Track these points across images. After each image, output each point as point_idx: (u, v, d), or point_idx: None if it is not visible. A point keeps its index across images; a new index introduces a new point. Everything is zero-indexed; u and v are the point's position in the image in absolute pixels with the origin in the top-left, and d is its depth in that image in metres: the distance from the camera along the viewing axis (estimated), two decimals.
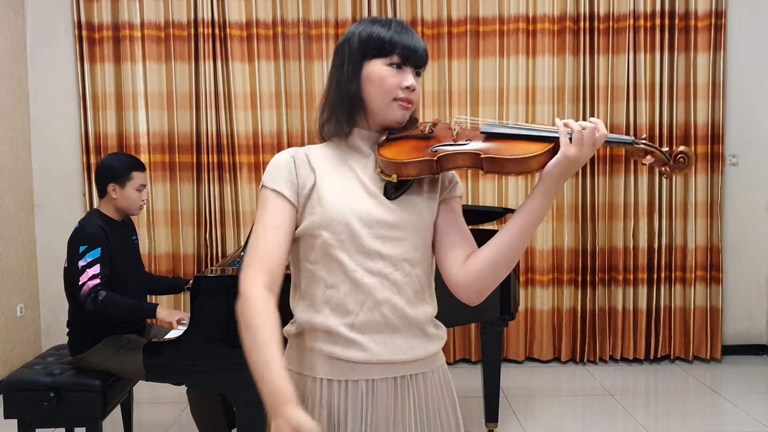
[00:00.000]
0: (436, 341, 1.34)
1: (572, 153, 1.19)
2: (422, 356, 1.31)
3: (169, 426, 3.52)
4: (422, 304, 1.31)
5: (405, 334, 1.28)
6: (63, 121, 4.45)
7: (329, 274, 1.27)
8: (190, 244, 4.44)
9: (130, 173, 2.81)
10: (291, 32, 4.37)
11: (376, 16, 1.34)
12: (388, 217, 1.27)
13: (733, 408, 3.72)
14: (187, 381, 2.58)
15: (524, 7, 4.37)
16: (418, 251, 1.30)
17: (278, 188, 1.29)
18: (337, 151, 1.34)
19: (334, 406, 1.28)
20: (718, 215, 4.46)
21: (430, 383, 1.34)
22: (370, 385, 1.27)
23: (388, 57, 1.29)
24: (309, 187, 1.29)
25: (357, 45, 1.31)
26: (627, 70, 4.37)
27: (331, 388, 1.28)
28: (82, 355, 2.74)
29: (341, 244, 1.25)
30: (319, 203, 1.27)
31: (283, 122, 4.39)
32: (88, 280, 2.62)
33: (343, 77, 1.31)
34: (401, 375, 1.29)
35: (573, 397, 3.98)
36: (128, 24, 4.33)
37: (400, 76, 1.29)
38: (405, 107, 1.30)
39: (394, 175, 1.27)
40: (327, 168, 1.32)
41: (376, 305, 1.25)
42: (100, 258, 2.66)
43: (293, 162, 1.31)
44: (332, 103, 1.34)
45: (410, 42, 1.30)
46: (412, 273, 1.28)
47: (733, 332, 4.61)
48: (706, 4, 4.36)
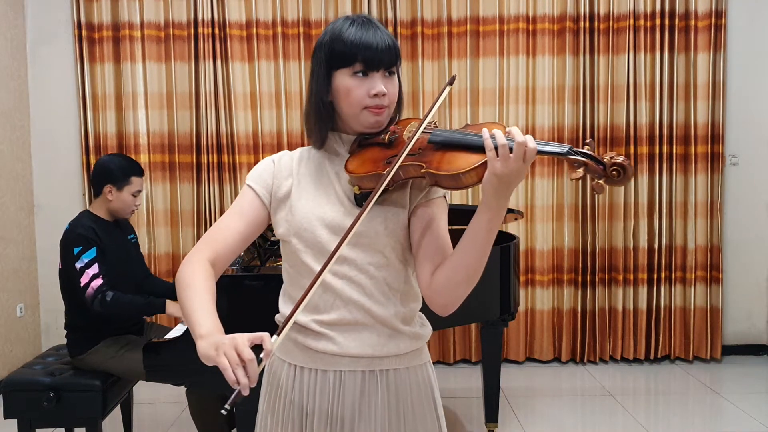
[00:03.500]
0: (412, 340, 1.35)
1: (499, 170, 1.11)
2: (392, 353, 1.32)
3: (169, 426, 3.52)
4: (392, 304, 1.32)
5: (374, 331, 1.31)
6: (63, 121, 4.44)
7: (301, 276, 1.33)
8: (190, 245, 4.43)
9: (129, 177, 2.80)
10: (291, 32, 4.36)
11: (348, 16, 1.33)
12: None
13: (733, 408, 3.72)
14: (187, 381, 2.57)
15: (524, 7, 4.36)
16: (383, 255, 1.30)
17: (252, 184, 1.37)
18: (319, 156, 1.38)
19: (304, 393, 1.34)
20: (718, 215, 4.46)
21: (404, 380, 1.35)
22: (338, 376, 1.32)
23: (351, 66, 1.27)
24: (284, 193, 1.35)
25: (323, 56, 1.31)
26: (627, 70, 4.37)
27: (302, 375, 1.34)
28: (81, 356, 2.74)
29: (309, 250, 1.31)
30: (290, 212, 1.33)
31: (282, 122, 4.39)
32: (90, 281, 2.62)
33: (315, 89, 1.33)
34: (370, 369, 1.32)
35: (573, 397, 3.98)
36: (128, 24, 4.33)
37: (367, 83, 1.27)
38: (377, 113, 1.29)
39: (356, 186, 1.29)
40: (306, 174, 1.36)
41: (344, 305, 1.30)
42: (96, 257, 2.66)
43: (273, 166, 1.38)
44: (311, 113, 1.35)
45: (372, 44, 1.26)
46: (378, 275, 1.30)
47: (733, 332, 4.61)
48: (706, 4, 4.36)
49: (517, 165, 1.11)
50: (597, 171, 1.14)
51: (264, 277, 2.51)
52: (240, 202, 1.36)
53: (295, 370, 1.35)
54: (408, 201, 1.32)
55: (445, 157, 1.20)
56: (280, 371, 1.38)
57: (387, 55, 1.27)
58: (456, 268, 1.22)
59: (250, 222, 1.35)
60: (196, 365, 2.34)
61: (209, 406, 2.85)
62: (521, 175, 1.12)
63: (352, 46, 1.26)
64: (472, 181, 1.17)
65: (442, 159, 1.20)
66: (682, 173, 4.45)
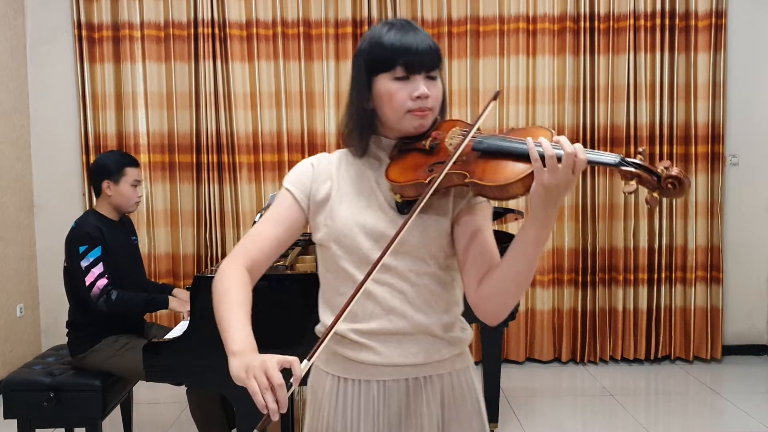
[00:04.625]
0: (454, 345, 1.33)
1: (546, 181, 1.08)
2: (435, 360, 1.31)
3: (169, 426, 3.52)
4: (434, 312, 1.30)
5: (416, 338, 1.29)
6: (63, 121, 4.44)
7: (340, 282, 1.30)
8: (190, 245, 4.43)
9: (123, 169, 2.81)
10: (291, 32, 4.36)
11: (387, 20, 1.31)
12: (393, 231, 1.25)
13: (733, 408, 3.72)
14: (187, 381, 2.57)
15: (524, 7, 4.36)
16: (425, 263, 1.28)
17: (290, 187, 1.35)
18: (360, 161, 1.35)
19: (348, 405, 1.31)
20: (718, 215, 4.46)
21: (448, 385, 1.33)
22: (381, 386, 1.30)
23: (392, 71, 1.25)
24: (323, 196, 1.32)
25: (363, 62, 1.29)
26: (627, 70, 4.37)
27: (346, 387, 1.32)
28: (82, 355, 2.74)
29: (349, 257, 1.28)
30: (330, 216, 1.30)
31: (283, 122, 4.39)
32: (95, 281, 2.63)
33: (357, 95, 1.31)
34: (414, 377, 1.30)
35: (573, 397, 3.98)
36: (128, 24, 4.33)
37: (408, 87, 1.25)
38: (420, 116, 1.26)
39: (398, 195, 1.27)
40: (347, 179, 1.34)
41: (385, 314, 1.28)
42: (101, 256, 2.67)
43: (312, 169, 1.35)
44: (351, 118, 1.34)
45: (413, 47, 1.24)
46: (420, 283, 1.28)
47: (734, 332, 4.61)
48: (706, 4, 4.36)
49: (566, 176, 1.07)
50: (651, 182, 1.08)
51: (263, 277, 2.50)
52: (277, 209, 1.34)
53: (338, 381, 1.33)
54: (451, 208, 1.30)
55: (490, 166, 1.15)
56: (323, 383, 1.36)
57: (428, 58, 1.25)
58: (504, 279, 1.20)
59: (287, 227, 1.33)
60: (196, 365, 2.35)
61: (209, 406, 2.85)
62: (571, 186, 1.09)
63: (392, 50, 1.24)
64: (519, 192, 1.13)
65: (487, 168, 1.16)
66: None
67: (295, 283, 2.41)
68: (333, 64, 4.36)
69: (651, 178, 1.07)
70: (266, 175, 4.39)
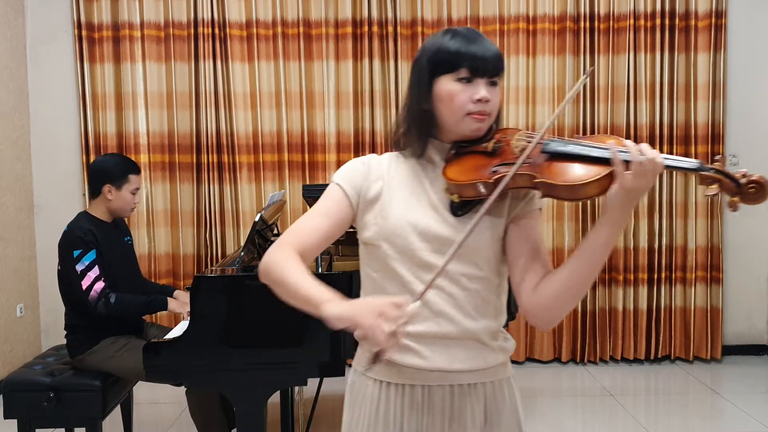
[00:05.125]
0: (498, 353, 1.33)
1: (629, 184, 1.12)
2: (481, 367, 1.30)
3: (169, 426, 3.52)
4: (483, 318, 1.29)
5: (463, 344, 1.28)
6: (63, 121, 4.44)
7: (388, 284, 1.29)
8: (190, 244, 4.43)
9: (127, 175, 2.81)
10: (291, 32, 4.36)
11: (451, 27, 1.32)
12: (447, 233, 1.26)
13: (733, 408, 3.72)
14: (187, 381, 2.57)
15: (524, 7, 4.36)
16: (478, 267, 1.28)
17: (341, 183, 1.33)
18: (412, 162, 1.34)
19: (390, 409, 1.30)
20: (718, 215, 4.46)
21: (491, 394, 1.32)
22: (426, 391, 1.29)
23: (456, 72, 1.25)
24: (373, 195, 1.31)
25: (425, 63, 1.29)
26: (627, 70, 4.37)
27: (389, 391, 1.31)
28: (81, 356, 2.74)
29: (399, 257, 1.27)
30: (381, 215, 1.29)
31: (283, 122, 4.39)
32: (92, 284, 2.63)
33: (416, 96, 1.31)
34: (458, 383, 1.29)
35: (573, 397, 3.97)
36: (128, 24, 4.33)
37: (470, 89, 1.25)
38: (479, 119, 1.26)
39: (456, 195, 1.26)
40: (397, 179, 1.33)
41: (433, 317, 1.26)
42: (96, 260, 2.66)
43: (363, 168, 1.35)
44: (408, 119, 1.33)
45: (479, 52, 1.25)
46: (471, 287, 1.27)
47: (734, 332, 4.61)
48: (706, 4, 4.36)
49: (647, 180, 1.11)
50: (731, 188, 1.11)
51: None
52: (326, 202, 1.33)
53: (381, 385, 1.32)
54: (506, 212, 1.29)
55: (560, 167, 1.17)
56: (364, 387, 1.35)
57: (492, 64, 1.27)
58: (568, 284, 1.20)
59: (335, 222, 1.32)
60: (196, 365, 2.35)
61: (209, 406, 2.85)
62: (648, 189, 1.14)
63: (457, 52, 1.25)
64: (593, 193, 1.15)
65: (558, 169, 1.17)
66: (682, 173, 4.45)
67: None
68: (333, 64, 4.36)
69: (731, 183, 1.11)
70: (266, 175, 4.39)
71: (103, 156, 3.02)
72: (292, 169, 4.41)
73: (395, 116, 1.39)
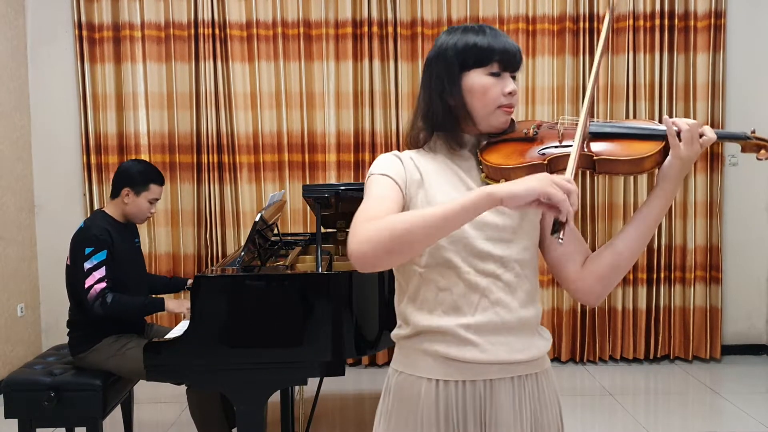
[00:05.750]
0: (546, 341, 1.35)
1: (684, 153, 1.21)
2: (536, 356, 1.31)
3: (169, 426, 3.52)
4: (533, 305, 1.31)
5: (519, 334, 1.28)
6: (63, 121, 4.45)
7: (441, 276, 1.26)
8: (190, 244, 4.44)
9: (149, 184, 2.84)
10: (291, 32, 4.37)
11: (467, 24, 1.35)
12: (497, 219, 1.27)
13: (733, 408, 3.72)
14: (187, 381, 2.58)
15: (524, 8, 4.37)
16: (528, 252, 1.30)
17: (387, 173, 1.28)
18: (438, 156, 1.34)
19: (451, 408, 1.27)
20: (717, 215, 4.46)
21: (542, 384, 1.34)
22: (488, 386, 1.27)
23: (488, 66, 1.28)
24: (416, 184, 1.29)
25: (454, 57, 1.29)
26: (627, 70, 4.37)
27: (447, 390, 1.27)
28: (82, 354, 2.75)
29: (453, 247, 1.25)
30: (429, 205, 1.25)
31: (283, 122, 4.39)
32: (94, 284, 2.64)
33: (441, 90, 1.30)
34: (518, 375, 1.29)
35: (573, 397, 3.98)
36: (128, 24, 4.34)
37: (501, 83, 1.29)
38: (509, 112, 1.31)
39: (502, 179, 1.25)
40: (431, 171, 1.31)
41: (490, 306, 1.26)
42: (105, 260, 2.68)
43: (399, 160, 1.32)
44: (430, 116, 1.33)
45: (506, 47, 1.29)
46: (522, 274, 1.29)
47: (733, 332, 4.61)
48: (705, 4, 4.37)
49: (697, 149, 1.21)
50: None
51: (264, 277, 2.52)
52: (382, 190, 1.25)
53: (438, 385, 1.27)
54: None
55: (616, 145, 1.25)
56: (415, 389, 1.28)
57: (518, 58, 1.32)
58: (620, 254, 1.27)
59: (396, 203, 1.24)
60: (196, 365, 2.35)
61: (209, 406, 2.85)
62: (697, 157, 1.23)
63: (489, 47, 1.28)
64: (650, 165, 1.24)
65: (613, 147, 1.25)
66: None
67: (295, 283, 2.42)
68: (333, 65, 4.37)
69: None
70: (266, 175, 4.40)
71: (132, 160, 3.07)
72: (292, 169, 4.41)
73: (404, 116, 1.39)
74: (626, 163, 1.23)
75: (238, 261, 2.57)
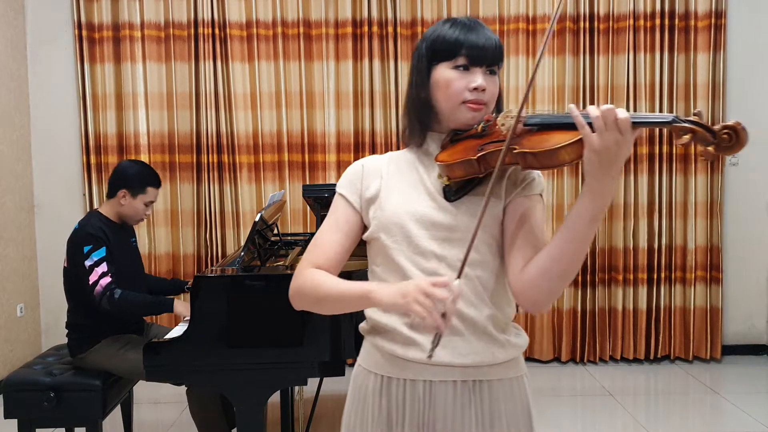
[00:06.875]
0: (508, 349, 1.28)
1: (597, 144, 1.06)
2: (487, 362, 1.25)
3: (169, 426, 3.52)
4: (486, 306, 1.25)
5: (468, 338, 1.24)
6: (63, 121, 4.45)
7: (389, 275, 1.28)
8: (190, 244, 4.44)
9: (146, 187, 2.83)
10: (291, 32, 4.37)
11: (453, 17, 1.33)
12: (444, 219, 1.25)
13: (733, 408, 3.72)
14: (187, 381, 2.57)
15: (524, 7, 4.37)
16: (479, 253, 1.24)
17: (342, 191, 1.35)
18: (411, 155, 1.35)
19: (392, 405, 1.28)
20: (718, 215, 4.46)
21: (498, 393, 1.28)
22: (428, 387, 1.25)
23: (453, 59, 1.26)
24: (372, 192, 1.32)
25: (425, 50, 1.30)
26: (627, 70, 4.37)
27: (390, 387, 1.28)
28: (82, 355, 2.74)
29: (398, 246, 1.27)
30: (380, 208, 1.30)
31: (283, 122, 4.39)
32: (99, 279, 2.64)
33: (414, 84, 1.31)
34: (462, 379, 1.25)
35: (573, 397, 3.98)
36: (128, 24, 4.33)
37: (467, 77, 1.25)
38: (475, 109, 1.26)
39: (446, 177, 1.25)
40: (396, 173, 1.33)
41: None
42: (105, 257, 2.68)
43: (362, 169, 1.36)
44: (408, 110, 1.34)
45: (478, 40, 1.25)
46: (471, 274, 1.24)
47: (733, 332, 4.61)
48: (706, 4, 4.36)
49: (614, 136, 1.04)
50: (706, 138, 1.07)
51: (264, 277, 2.51)
52: (334, 215, 1.34)
53: (383, 380, 1.29)
54: (503, 193, 1.27)
55: (540, 137, 1.15)
56: (366, 382, 1.32)
57: (491, 53, 1.26)
58: (552, 259, 1.15)
59: (346, 232, 1.33)
60: (196, 365, 2.35)
61: (209, 406, 2.85)
62: (623, 149, 1.06)
63: (456, 40, 1.26)
64: (568, 158, 1.12)
65: (536, 139, 1.15)
66: (682, 173, 4.46)
67: None
68: (333, 64, 4.36)
69: (705, 132, 1.07)
70: (266, 175, 4.40)
71: (129, 161, 3.05)
72: (292, 169, 4.41)
73: (397, 116, 1.39)
74: (539, 156, 1.13)
75: (238, 261, 2.57)
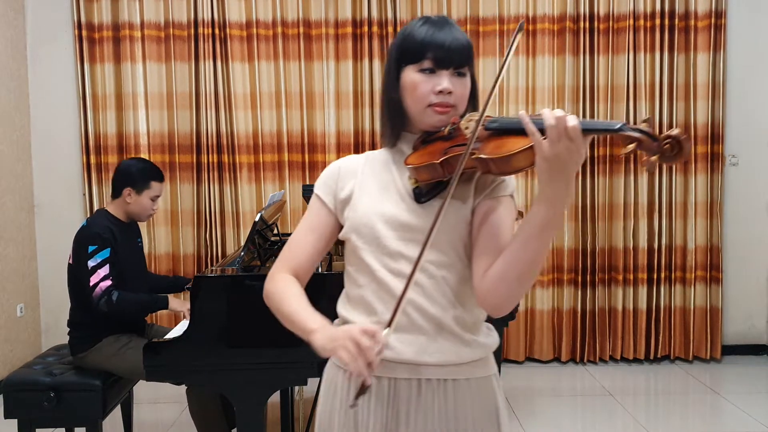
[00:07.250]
0: (475, 349, 1.27)
1: (546, 151, 1.04)
2: (452, 362, 1.25)
3: (169, 426, 3.52)
4: (452, 307, 1.25)
5: (433, 336, 1.24)
6: (63, 121, 4.45)
7: (359, 274, 1.30)
8: (190, 244, 4.44)
9: (149, 182, 2.84)
10: (291, 32, 4.37)
11: (423, 16, 1.32)
12: (412, 220, 1.25)
13: (733, 408, 3.72)
14: (187, 381, 2.58)
15: (524, 7, 4.37)
16: (444, 253, 1.24)
17: (318, 192, 1.37)
18: (387, 156, 1.35)
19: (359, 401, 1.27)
20: (718, 215, 4.46)
21: (464, 393, 1.27)
22: (392, 385, 1.26)
23: (419, 62, 1.25)
24: (347, 193, 1.33)
25: (394, 53, 1.30)
26: (627, 70, 4.37)
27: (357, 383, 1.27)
28: (82, 354, 2.74)
29: (367, 246, 1.28)
30: (353, 209, 1.31)
31: (283, 122, 4.39)
32: (99, 281, 2.64)
33: (386, 85, 1.32)
34: (426, 378, 1.25)
35: (573, 397, 3.98)
36: (128, 24, 4.33)
37: (433, 80, 1.25)
38: (440, 112, 1.25)
39: (413, 179, 1.26)
40: (370, 174, 1.34)
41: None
42: (109, 258, 2.69)
43: (338, 170, 1.37)
44: (382, 111, 1.35)
45: (444, 42, 1.24)
46: (438, 275, 1.24)
47: (733, 332, 4.61)
48: (706, 4, 4.36)
49: (565, 144, 1.03)
50: (651, 147, 1.04)
51: (264, 277, 2.51)
52: (309, 216, 1.36)
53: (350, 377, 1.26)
54: (471, 196, 1.27)
55: (498, 142, 1.14)
56: (336, 378, 1.34)
57: (458, 55, 1.25)
58: (508, 264, 1.14)
59: (320, 234, 1.35)
60: (196, 365, 2.35)
61: (209, 406, 2.85)
62: (574, 157, 1.03)
63: (422, 43, 1.25)
64: (522, 164, 1.11)
65: (494, 144, 1.14)
66: (682, 173, 4.46)
67: None
68: (333, 65, 4.36)
69: (651, 141, 1.04)
70: (266, 175, 4.40)
71: (131, 159, 3.06)
72: (292, 169, 4.41)
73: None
74: (496, 162, 1.12)
75: (238, 261, 2.56)
